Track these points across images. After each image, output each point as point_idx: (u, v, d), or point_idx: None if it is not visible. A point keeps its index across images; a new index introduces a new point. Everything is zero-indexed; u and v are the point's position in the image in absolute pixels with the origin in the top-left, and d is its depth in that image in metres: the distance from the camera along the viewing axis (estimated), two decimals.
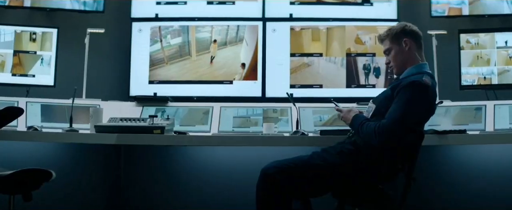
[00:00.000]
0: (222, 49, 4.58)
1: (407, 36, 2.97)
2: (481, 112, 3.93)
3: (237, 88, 4.52)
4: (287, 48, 4.55)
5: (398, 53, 2.97)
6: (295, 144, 3.37)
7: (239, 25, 4.58)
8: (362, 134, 2.80)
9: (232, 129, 4.00)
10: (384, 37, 3.04)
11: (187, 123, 4.05)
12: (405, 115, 2.70)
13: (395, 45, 2.98)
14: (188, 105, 4.19)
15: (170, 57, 4.57)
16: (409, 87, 2.75)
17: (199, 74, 4.54)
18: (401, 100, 2.73)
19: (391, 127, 2.68)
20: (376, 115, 2.86)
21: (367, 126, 2.78)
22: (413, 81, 2.77)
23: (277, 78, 4.51)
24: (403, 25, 3.02)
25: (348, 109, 3.04)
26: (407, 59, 2.96)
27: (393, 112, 2.72)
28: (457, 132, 3.35)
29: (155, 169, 3.84)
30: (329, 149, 2.93)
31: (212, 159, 3.83)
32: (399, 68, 2.99)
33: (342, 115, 3.03)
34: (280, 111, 4.11)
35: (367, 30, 4.56)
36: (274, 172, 2.76)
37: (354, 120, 2.91)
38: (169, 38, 4.58)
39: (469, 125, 3.85)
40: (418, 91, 2.75)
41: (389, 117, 2.72)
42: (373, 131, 2.71)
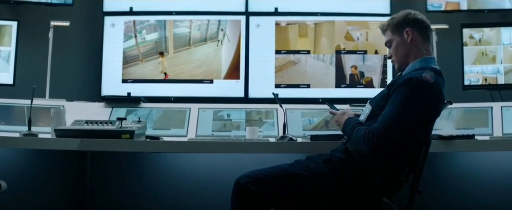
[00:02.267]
0: (201, 46, 4.28)
1: (410, 25, 2.64)
2: (487, 115, 3.64)
3: (218, 88, 4.23)
4: (272, 45, 4.28)
5: (399, 46, 2.65)
6: (282, 150, 3.06)
7: (220, 20, 4.30)
8: (353, 140, 2.50)
9: (211, 132, 3.69)
10: (386, 28, 2.72)
11: (162, 126, 3.73)
12: (399, 117, 2.36)
13: (397, 36, 2.66)
14: (163, 106, 3.88)
15: (146, 54, 4.27)
16: (405, 85, 2.41)
17: (176, 72, 4.25)
18: (395, 100, 2.40)
19: (382, 132, 2.35)
20: (372, 118, 2.53)
21: (358, 131, 2.46)
22: (410, 78, 2.43)
23: (261, 77, 4.25)
24: (406, 13, 2.69)
25: (342, 111, 2.73)
26: (409, 52, 2.63)
27: (385, 114, 2.40)
28: (465, 137, 3.03)
29: (126, 176, 3.53)
30: (315, 156, 2.61)
31: (190, 165, 3.53)
32: (401, 62, 2.66)
33: (336, 119, 2.73)
34: (265, 113, 3.81)
35: (358, 26, 4.29)
36: (247, 181, 2.45)
37: (346, 124, 2.61)
38: (145, 33, 4.29)
39: (474, 129, 3.56)
40: (416, 89, 2.40)
41: (380, 121, 2.39)
42: (363, 137, 2.40)
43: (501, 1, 4.27)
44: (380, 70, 4.24)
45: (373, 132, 2.36)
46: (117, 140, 2.98)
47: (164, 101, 4.04)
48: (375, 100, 2.61)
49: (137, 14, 4.32)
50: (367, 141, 2.37)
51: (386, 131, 2.34)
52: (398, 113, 2.36)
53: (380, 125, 2.36)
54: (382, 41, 4.12)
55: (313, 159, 2.59)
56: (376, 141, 2.34)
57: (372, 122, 2.47)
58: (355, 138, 2.46)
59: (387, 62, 4.24)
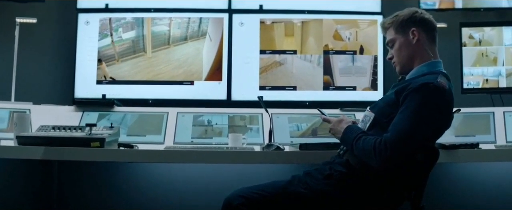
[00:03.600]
0: (181, 45, 4.06)
1: (416, 25, 2.42)
2: (489, 121, 3.45)
3: (199, 89, 4.01)
4: (256, 45, 4.08)
5: (402, 46, 2.42)
6: (269, 160, 2.82)
7: (201, 18, 4.08)
8: (357, 151, 2.25)
9: (190, 139, 3.46)
10: (388, 25, 2.49)
11: (136, 132, 3.49)
12: (415, 127, 2.14)
13: (400, 36, 2.43)
14: (138, 110, 3.63)
15: (122, 54, 4.04)
16: (420, 92, 2.19)
17: (155, 73, 4.02)
18: (409, 108, 2.17)
19: (397, 144, 2.12)
20: (375, 127, 2.31)
21: (364, 141, 2.22)
22: (426, 84, 2.20)
23: (245, 79, 4.04)
24: (412, 12, 2.46)
25: (338, 118, 2.47)
26: (414, 54, 2.41)
27: (399, 123, 2.17)
28: (468, 146, 2.82)
29: (97, 187, 3.28)
30: (313, 171, 2.37)
31: (168, 175, 3.29)
32: (403, 65, 2.44)
33: (331, 127, 2.47)
34: (249, 118, 3.59)
35: (347, 24, 4.09)
36: (240, 203, 2.23)
37: (346, 133, 2.35)
38: (121, 31, 4.07)
39: (476, 136, 3.36)
40: (432, 96, 2.19)
41: (393, 130, 2.16)
42: (373, 148, 2.16)
43: (498, 0, 4.08)
44: (371, 72, 4.04)
45: (386, 142, 2.13)
46: (86, 148, 2.74)
47: (141, 104, 3.84)
48: (378, 106, 2.38)
49: (113, 11, 4.10)
50: (379, 152, 2.14)
51: (401, 142, 2.12)
52: (413, 122, 2.15)
53: (393, 134, 2.14)
54: (373, 41, 4.08)
55: (312, 175, 2.35)
56: (389, 153, 2.12)
57: (375, 130, 2.27)
58: (361, 149, 2.23)
59: (377, 63, 4.04)
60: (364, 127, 2.36)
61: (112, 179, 3.27)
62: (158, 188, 3.25)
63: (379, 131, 2.23)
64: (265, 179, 2.42)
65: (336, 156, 2.43)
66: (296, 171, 2.77)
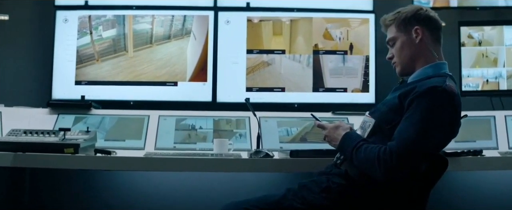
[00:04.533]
0: (165, 44, 3.89)
1: (420, 23, 2.27)
2: (490, 125, 3.30)
3: (183, 91, 3.85)
4: (243, 44, 3.92)
5: (404, 46, 2.28)
6: (257, 169, 2.68)
7: (185, 15, 3.91)
8: (357, 161, 2.09)
9: (173, 145, 3.29)
10: (389, 22, 2.34)
11: (115, 136, 3.31)
12: (422, 135, 1.99)
13: (403, 34, 2.28)
14: (117, 113, 3.46)
15: (102, 53, 3.87)
16: (427, 96, 2.04)
17: (137, 73, 3.86)
18: (416, 114, 2.02)
19: (403, 153, 1.97)
20: (376, 134, 2.16)
21: (366, 150, 2.06)
22: (433, 87, 2.06)
23: (231, 80, 3.88)
24: (416, 8, 2.32)
25: (334, 124, 2.30)
26: (417, 55, 2.26)
27: (405, 131, 2.02)
28: (471, 153, 2.67)
29: (72, 195, 3.13)
30: (309, 184, 2.20)
31: (149, 182, 3.17)
32: (404, 66, 2.29)
33: (326, 133, 2.30)
34: (236, 122, 3.43)
35: (338, 23, 3.93)
36: None
37: (345, 141, 2.19)
38: (101, 30, 3.90)
39: (476, 141, 3.21)
40: (441, 100, 2.05)
41: (399, 138, 2.01)
42: (376, 158, 2.00)
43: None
44: (362, 73, 3.89)
45: (391, 151, 1.98)
46: (59, 154, 2.60)
47: (122, 106, 3.67)
48: (379, 111, 2.22)
49: (93, 8, 3.93)
50: (383, 163, 1.98)
51: (408, 151, 1.98)
52: (420, 129, 2.00)
53: (399, 143, 1.99)
54: (364, 41, 3.92)
55: (308, 188, 2.18)
56: (395, 162, 1.96)
57: (377, 138, 2.12)
58: (362, 159, 2.07)
59: (369, 64, 3.89)
60: (363, 134, 2.21)
61: (89, 187, 3.12)
62: (138, 197, 3.11)
63: (381, 138, 2.09)
64: (254, 188, 2.28)
65: (332, 165, 2.27)
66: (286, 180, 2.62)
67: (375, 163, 2.00)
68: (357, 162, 2.09)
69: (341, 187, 2.12)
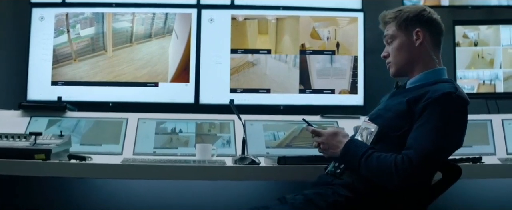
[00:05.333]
0: (145, 43, 3.75)
1: (423, 26, 2.19)
2: (487, 130, 3.20)
3: (164, 92, 3.71)
4: (227, 43, 3.79)
5: (403, 47, 2.20)
6: (243, 177, 2.55)
7: (167, 13, 3.77)
8: (367, 170, 1.99)
9: (153, 150, 3.15)
10: (390, 20, 2.24)
11: (91, 140, 3.16)
12: (440, 142, 1.95)
13: (402, 34, 2.20)
14: (94, 115, 3.32)
15: (80, 52, 3.72)
16: (442, 102, 1.99)
17: (116, 74, 3.71)
18: (432, 121, 1.96)
19: (423, 161, 1.91)
20: (382, 141, 2.06)
21: (379, 159, 1.97)
22: (448, 93, 2.01)
23: (214, 81, 3.74)
24: (419, 9, 2.24)
25: (331, 130, 2.18)
26: (415, 58, 2.20)
27: (422, 138, 1.95)
28: (470, 160, 2.57)
29: (45, 203, 2.94)
30: (314, 197, 2.06)
31: (128, 190, 3.01)
32: (400, 67, 2.21)
33: (323, 141, 2.16)
34: (219, 125, 3.30)
35: (326, 22, 3.81)
36: None
37: (349, 149, 2.07)
38: (79, 28, 3.74)
39: (473, 146, 3.10)
40: (455, 107, 2.02)
41: (418, 146, 1.94)
42: (394, 167, 1.92)
43: None
44: (350, 74, 3.77)
45: (411, 160, 1.90)
46: (29, 161, 2.45)
47: (101, 107, 3.54)
48: (383, 117, 2.12)
49: (70, 5, 3.77)
50: (403, 171, 1.91)
51: (427, 159, 1.93)
52: (438, 136, 1.95)
53: (418, 151, 1.92)
54: (352, 40, 3.78)
55: (313, 202, 2.04)
56: (414, 171, 1.90)
57: (383, 145, 2.02)
58: (374, 168, 1.97)
59: (357, 64, 3.77)
60: (365, 141, 2.10)
61: (64, 194, 2.96)
62: (115, 205, 2.93)
63: (388, 146, 2.00)
64: (238, 197, 2.13)
65: (330, 175, 2.14)
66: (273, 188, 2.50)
67: (391, 171, 1.92)
68: (367, 171, 1.99)
69: (349, 201, 2.01)
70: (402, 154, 1.94)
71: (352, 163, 2.05)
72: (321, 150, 2.19)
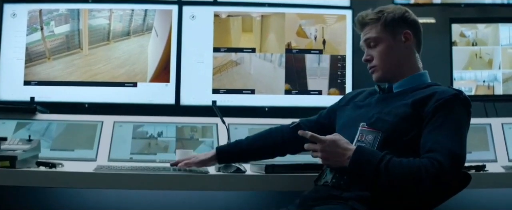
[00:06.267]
0: (123, 41, 3.60)
1: (409, 27, 2.12)
2: (486, 134, 3.06)
3: (143, 92, 3.57)
4: (209, 41, 3.65)
5: (392, 50, 2.11)
6: (227, 187, 2.40)
7: (147, 10, 3.62)
8: (389, 177, 1.84)
9: (129, 156, 3.00)
10: (371, 21, 2.14)
11: (63, 145, 3.00)
12: (461, 144, 1.89)
13: (389, 36, 2.11)
14: (66, 118, 3.16)
15: (54, 51, 3.56)
16: (456, 103, 1.94)
17: (92, 73, 3.56)
18: (449, 121, 1.90)
19: (454, 164, 1.84)
20: (388, 146, 1.92)
21: (402, 165, 1.84)
22: (457, 95, 1.96)
23: (196, 81, 3.60)
24: (403, 10, 2.16)
25: (333, 137, 1.98)
26: (404, 60, 2.13)
27: (445, 140, 1.86)
28: (473, 167, 2.44)
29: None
30: None
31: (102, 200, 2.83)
32: (387, 71, 2.12)
33: (324, 148, 1.96)
34: (201, 129, 3.15)
35: (313, 20, 3.67)
36: None
37: (359, 157, 1.90)
38: (53, 25, 3.59)
39: (472, 152, 2.96)
40: (466, 109, 1.98)
41: (442, 148, 1.84)
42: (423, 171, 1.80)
43: None
44: (338, 74, 3.64)
45: (440, 163, 1.81)
46: None
47: (76, 108, 3.42)
48: (387, 122, 1.99)
49: (44, 1, 3.60)
50: (433, 175, 1.80)
51: (455, 161, 1.85)
52: (458, 137, 1.90)
53: (445, 153, 1.83)
54: (341, 39, 3.66)
55: None
56: (446, 174, 1.81)
57: (388, 151, 1.88)
58: (399, 174, 1.83)
59: (345, 64, 3.63)
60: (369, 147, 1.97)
61: (31, 206, 2.77)
62: None
63: (395, 151, 1.87)
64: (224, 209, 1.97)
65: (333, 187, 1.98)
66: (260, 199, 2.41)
67: (420, 176, 1.80)
68: (390, 178, 1.84)
69: None
70: (427, 157, 1.84)
71: (366, 172, 1.87)
72: (322, 159, 2.00)
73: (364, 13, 2.17)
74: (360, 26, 2.17)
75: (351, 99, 2.28)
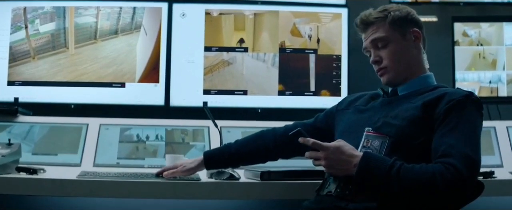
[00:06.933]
0: (111, 40, 3.49)
1: (417, 26, 2.03)
2: (491, 138, 2.97)
3: (132, 93, 3.46)
4: (200, 40, 3.54)
5: (402, 49, 1.99)
6: (220, 195, 2.29)
7: (135, 7, 3.51)
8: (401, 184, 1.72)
9: (116, 161, 2.88)
10: (376, 20, 2.02)
11: (46, 149, 2.87)
12: (478, 148, 1.79)
13: (398, 35, 2.00)
14: (49, 120, 3.04)
15: (39, 50, 3.45)
16: (469, 104, 1.85)
17: (79, 73, 3.44)
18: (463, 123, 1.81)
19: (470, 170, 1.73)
20: (397, 152, 1.81)
21: (414, 171, 1.72)
22: (469, 96, 1.87)
23: (186, 81, 3.49)
24: (407, 8, 2.04)
25: (337, 144, 1.84)
26: (414, 61, 2.02)
27: (459, 144, 1.75)
28: (482, 174, 2.33)
29: None
30: None
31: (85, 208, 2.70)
32: (398, 74, 2.01)
33: (327, 155, 1.83)
34: (192, 132, 3.04)
35: (308, 18, 3.58)
36: None
37: (367, 164, 1.77)
38: (38, 23, 3.48)
39: None
40: (479, 110, 1.89)
41: (457, 153, 1.73)
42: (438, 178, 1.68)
43: None
44: (333, 74, 3.55)
45: (456, 168, 1.69)
46: None
47: (61, 109, 3.32)
48: (394, 126, 1.88)
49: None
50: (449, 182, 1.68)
51: (472, 166, 1.74)
52: (472, 140, 1.80)
53: (460, 158, 1.72)
54: (336, 39, 3.53)
55: None
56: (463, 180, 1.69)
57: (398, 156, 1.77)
58: (411, 181, 1.71)
59: (341, 65, 3.53)
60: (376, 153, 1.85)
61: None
62: None
63: (404, 156, 1.76)
64: None
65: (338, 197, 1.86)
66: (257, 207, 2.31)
67: (435, 184, 1.68)
68: (402, 186, 1.71)
69: None
70: (441, 162, 1.72)
71: (376, 180, 1.75)
72: (326, 168, 1.86)
73: (367, 12, 2.05)
74: (363, 27, 2.04)
75: (351, 103, 2.16)
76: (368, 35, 2.03)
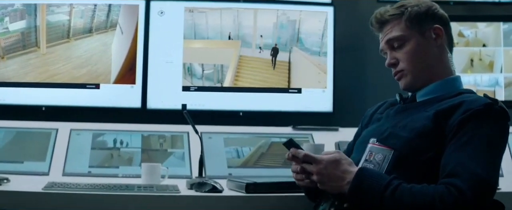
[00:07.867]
0: (85, 39, 3.36)
1: (440, 22, 1.84)
2: None
3: (106, 94, 3.34)
4: (179, 39, 3.44)
5: (422, 49, 1.81)
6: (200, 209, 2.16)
7: (111, 4, 3.39)
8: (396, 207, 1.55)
9: (88, 170, 2.75)
10: (392, 18, 1.86)
11: (11, 157, 2.75)
12: (494, 166, 1.60)
13: (417, 33, 1.81)
14: (14, 125, 2.93)
15: (8, 49, 3.33)
16: (489, 116, 1.63)
17: (50, 74, 3.33)
18: (479, 138, 1.59)
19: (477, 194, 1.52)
20: (401, 167, 1.65)
21: (412, 192, 1.55)
22: (490, 105, 1.65)
23: (165, 82, 3.39)
24: (427, 3, 1.84)
25: (332, 157, 1.67)
26: (436, 62, 1.83)
27: (470, 162, 1.56)
28: None
29: None
30: None
31: None
32: (418, 75, 1.84)
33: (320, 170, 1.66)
34: (171, 139, 2.92)
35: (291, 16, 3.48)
36: None
37: (361, 181, 1.61)
38: (8, 21, 3.35)
39: None
40: (503, 121, 1.66)
41: (465, 172, 1.54)
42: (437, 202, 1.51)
43: None
44: None
45: (462, 191, 1.51)
46: None
47: (31, 112, 3.21)
48: (401, 138, 1.70)
49: None
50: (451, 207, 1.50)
51: (481, 188, 1.54)
52: (488, 158, 1.59)
53: (467, 179, 1.53)
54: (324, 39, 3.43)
55: None
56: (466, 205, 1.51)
57: (402, 173, 1.61)
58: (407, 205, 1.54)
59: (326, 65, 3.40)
60: (378, 168, 1.68)
61: None
62: None
63: (408, 173, 1.60)
64: None
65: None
66: None
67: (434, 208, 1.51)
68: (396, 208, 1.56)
69: None
70: (444, 183, 1.55)
71: (368, 200, 1.59)
72: (318, 183, 1.70)
73: (382, 9, 1.88)
74: (378, 26, 1.88)
75: (372, 115, 2.00)
76: (383, 35, 1.87)
